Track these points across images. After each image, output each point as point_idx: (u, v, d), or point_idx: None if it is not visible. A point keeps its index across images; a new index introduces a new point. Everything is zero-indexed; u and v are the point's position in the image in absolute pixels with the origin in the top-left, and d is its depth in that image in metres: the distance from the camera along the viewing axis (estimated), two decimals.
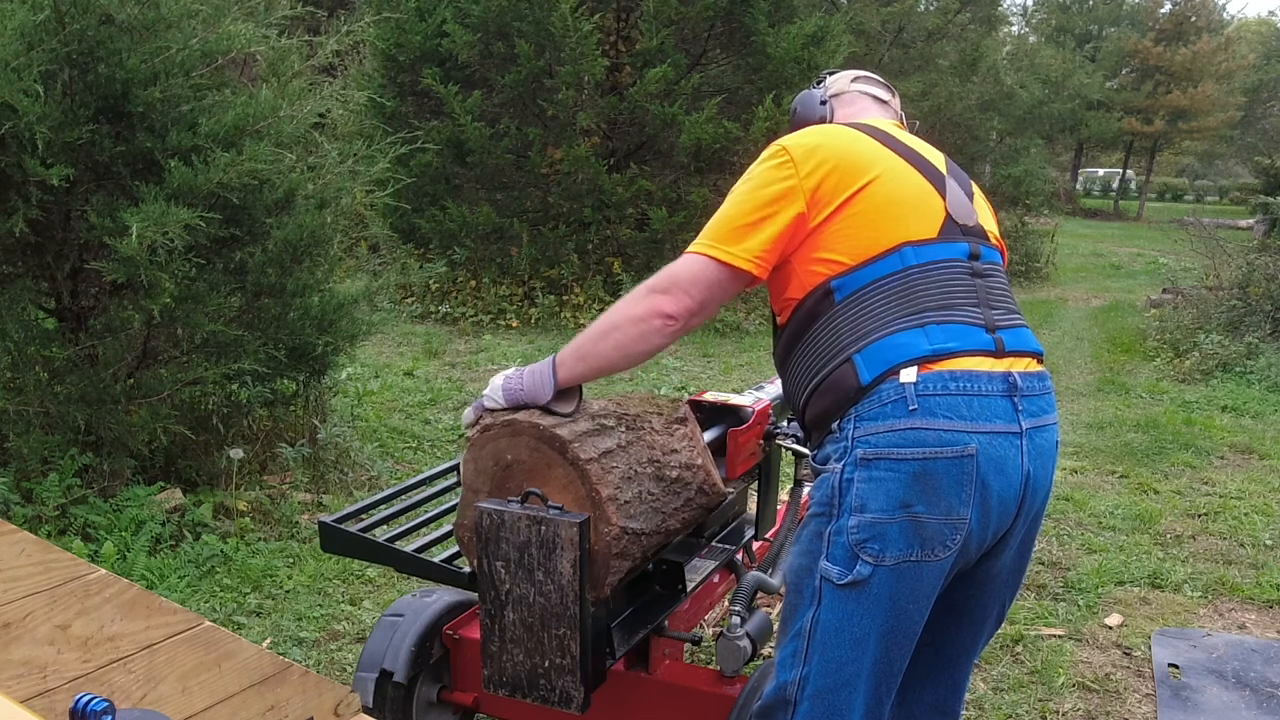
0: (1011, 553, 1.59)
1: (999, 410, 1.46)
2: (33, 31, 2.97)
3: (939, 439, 1.42)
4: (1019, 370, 1.51)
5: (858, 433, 1.46)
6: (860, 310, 1.51)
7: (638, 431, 1.79)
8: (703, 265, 1.54)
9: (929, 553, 1.44)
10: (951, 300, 1.51)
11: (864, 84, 1.88)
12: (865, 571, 1.45)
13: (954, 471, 1.42)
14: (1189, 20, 28.20)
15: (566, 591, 1.59)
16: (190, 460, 3.77)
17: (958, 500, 1.43)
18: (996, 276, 1.60)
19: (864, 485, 1.45)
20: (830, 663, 1.50)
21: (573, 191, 8.25)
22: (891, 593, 1.46)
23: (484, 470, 1.69)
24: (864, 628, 1.48)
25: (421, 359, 6.61)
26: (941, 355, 1.46)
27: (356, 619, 3.01)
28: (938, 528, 1.43)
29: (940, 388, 1.44)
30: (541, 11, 7.64)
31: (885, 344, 1.47)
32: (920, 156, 1.63)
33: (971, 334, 1.50)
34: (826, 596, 1.49)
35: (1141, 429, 5.57)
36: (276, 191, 3.49)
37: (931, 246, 1.54)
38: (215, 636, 1.37)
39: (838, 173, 1.54)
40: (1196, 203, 33.40)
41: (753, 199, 1.55)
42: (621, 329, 1.56)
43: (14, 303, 3.32)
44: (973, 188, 1.70)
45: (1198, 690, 2.76)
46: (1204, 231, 10.28)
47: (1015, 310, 1.62)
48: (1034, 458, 1.49)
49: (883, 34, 14.66)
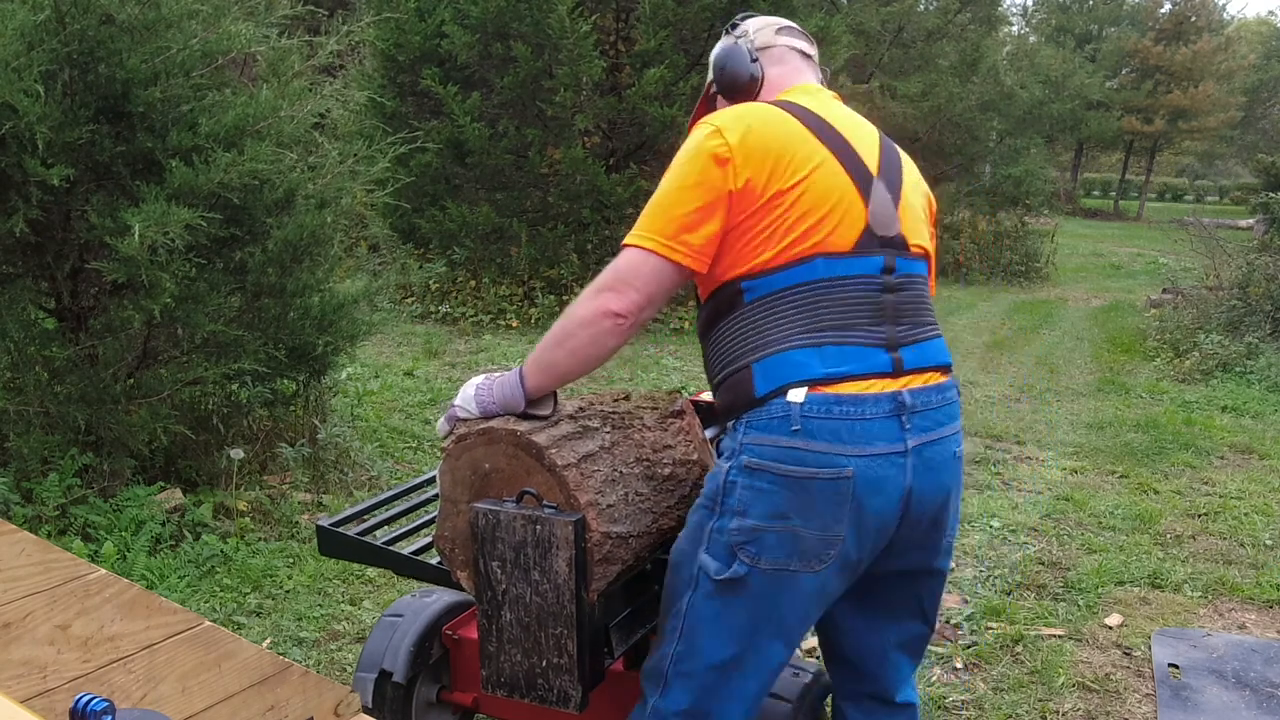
0: (918, 556, 1.63)
1: (882, 432, 1.49)
2: (33, 31, 2.97)
3: (818, 460, 1.47)
4: (915, 387, 1.54)
5: (747, 439, 1.52)
6: (765, 317, 1.54)
7: (625, 430, 1.78)
8: (643, 259, 1.53)
9: (806, 564, 1.50)
10: (853, 320, 1.53)
11: (788, 36, 1.80)
12: (741, 571, 1.52)
13: (830, 492, 1.48)
14: (1189, 20, 28.16)
15: (563, 591, 1.59)
16: (190, 460, 3.77)
17: (833, 518, 1.48)
18: (911, 289, 1.61)
19: (746, 492, 1.51)
20: (701, 648, 1.57)
21: (572, 192, 8.25)
22: (765, 594, 1.52)
23: (462, 480, 1.68)
24: (737, 621, 1.54)
25: (421, 359, 6.61)
26: (832, 379, 1.49)
27: (356, 619, 3.01)
28: (814, 542, 1.49)
29: (824, 411, 1.48)
30: (540, 13, 7.64)
31: (781, 359, 1.51)
32: (851, 152, 1.59)
33: (867, 356, 1.52)
34: (703, 585, 1.55)
35: (1141, 429, 5.57)
36: (277, 191, 3.49)
37: (844, 260, 1.54)
38: (215, 636, 1.37)
39: (769, 169, 1.53)
40: (1196, 203, 33.39)
41: (691, 191, 1.53)
42: (574, 335, 1.55)
43: (14, 303, 3.32)
44: (902, 177, 1.65)
45: (1198, 690, 2.77)
46: (1204, 231, 10.28)
47: (926, 323, 1.63)
48: (920, 473, 1.53)
49: (883, 34, 14.65)
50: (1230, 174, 40.55)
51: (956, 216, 13.97)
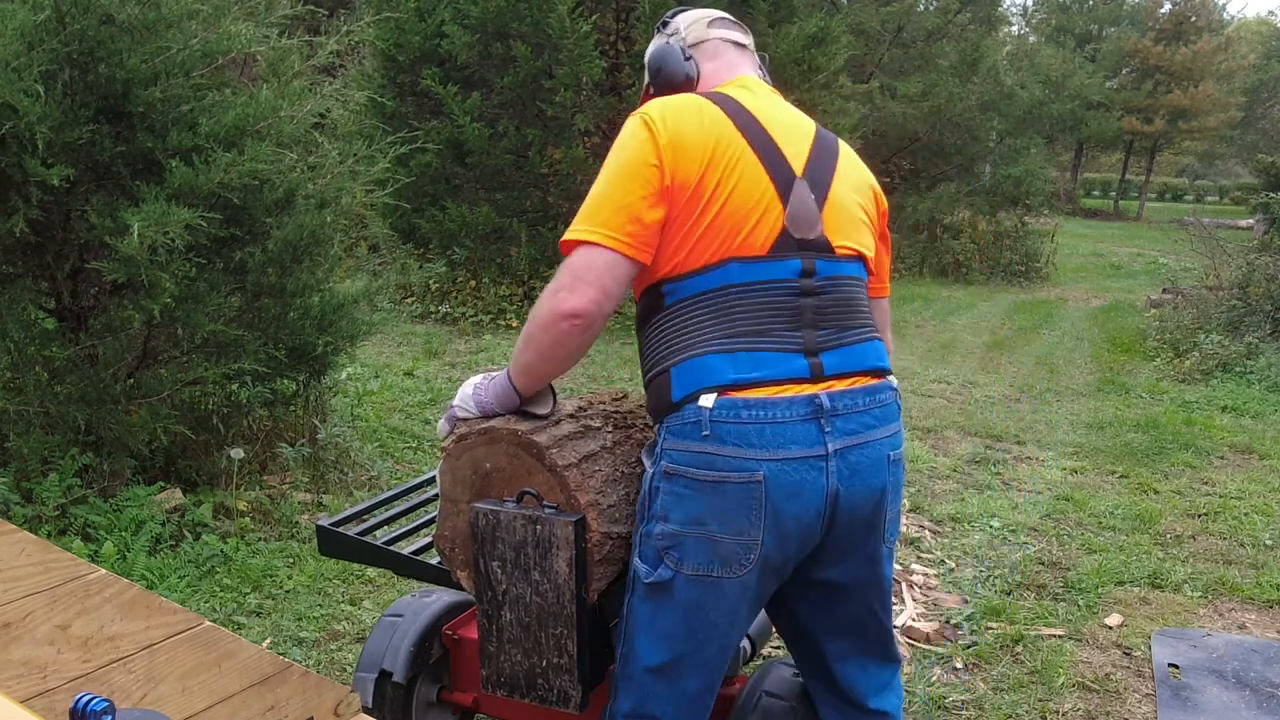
0: (857, 563, 1.62)
1: (796, 435, 1.48)
2: (33, 31, 2.97)
3: (727, 464, 1.48)
4: (836, 390, 1.53)
5: (666, 444, 1.53)
6: (683, 321, 1.55)
7: (627, 430, 1.78)
8: (593, 253, 1.50)
9: (726, 569, 1.51)
10: (767, 325, 1.52)
11: (721, 28, 1.77)
12: (667, 575, 1.53)
13: (743, 496, 1.48)
14: (1189, 20, 28.17)
15: (563, 591, 1.59)
16: (190, 460, 3.77)
17: (747, 522, 1.49)
18: (835, 293, 1.58)
19: (667, 497, 1.52)
20: (638, 650, 1.58)
21: (572, 192, 8.24)
22: (693, 598, 1.53)
23: (462, 480, 1.68)
24: (669, 624, 1.55)
25: (421, 359, 6.61)
26: (743, 385, 1.49)
27: (356, 619, 3.01)
28: (732, 547, 1.50)
29: (732, 415, 1.48)
30: (540, 13, 7.64)
31: (696, 364, 1.52)
32: (775, 151, 1.57)
33: (782, 361, 1.51)
34: (638, 589, 1.57)
35: (1141, 429, 5.57)
36: (277, 191, 3.49)
37: (758, 265, 1.53)
38: (215, 636, 1.37)
39: (695, 164, 1.52)
40: (1196, 203, 33.39)
41: (630, 183, 1.51)
42: (537, 338, 1.55)
43: (14, 303, 3.32)
44: (833, 177, 1.62)
45: (1198, 690, 2.77)
46: (1204, 231, 10.28)
47: (854, 327, 1.60)
48: (846, 477, 1.52)
49: (882, 34, 14.66)
50: (1230, 174, 40.55)
51: (956, 216, 13.97)
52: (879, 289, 1.78)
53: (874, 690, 1.75)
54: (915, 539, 3.78)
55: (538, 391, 1.66)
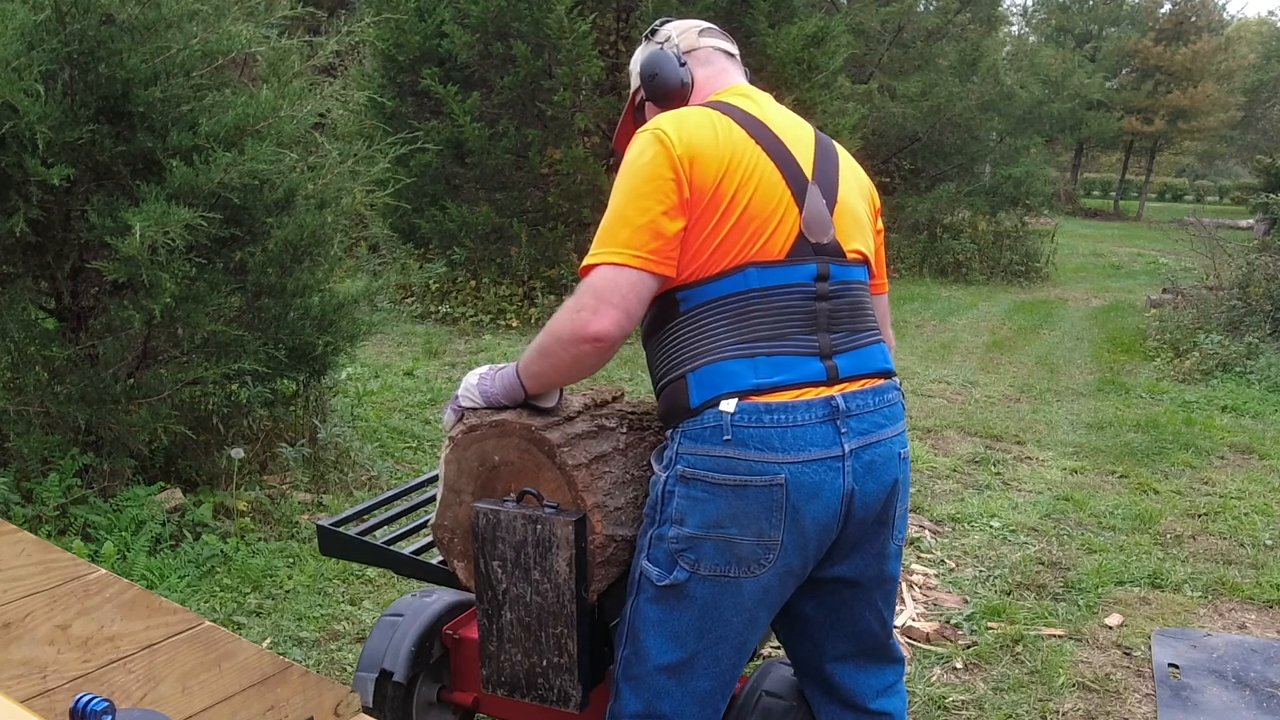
0: (866, 560, 1.64)
1: (816, 438, 1.50)
2: (33, 31, 2.97)
3: (749, 469, 1.49)
4: (850, 391, 1.55)
5: (682, 449, 1.54)
6: (700, 327, 1.55)
7: (641, 432, 1.78)
8: (617, 273, 1.49)
9: (744, 570, 1.52)
10: (786, 330, 1.54)
11: (711, 37, 1.79)
12: (682, 577, 1.54)
13: (764, 499, 1.49)
14: (1189, 20, 28.18)
15: (563, 590, 1.59)
16: (190, 460, 3.77)
17: (768, 525, 1.50)
18: (847, 296, 1.60)
19: (683, 501, 1.52)
20: (648, 651, 1.58)
21: (572, 192, 8.25)
22: (708, 599, 1.54)
23: (468, 470, 1.67)
24: (682, 625, 1.56)
25: (421, 359, 6.61)
26: (764, 389, 1.50)
27: (356, 619, 3.01)
28: (750, 548, 1.51)
29: (755, 420, 1.49)
30: (539, 12, 7.64)
31: (715, 370, 1.52)
32: (788, 156, 1.59)
33: (801, 365, 1.53)
34: (646, 590, 1.57)
35: (1141, 429, 5.57)
36: (277, 191, 3.49)
37: (777, 269, 1.54)
38: (215, 636, 1.37)
39: (713, 175, 1.52)
40: (1197, 203, 33.40)
41: (649, 199, 1.51)
42: (555, 353, 1.55)
43: (14, 303, 3.32)
44: (838, 179, 1.64)
45: (1198, 690, 2.77)
46: (1204, 231, 10.28)
47: (863, 330, 1.63)
48: (861, 475, 1.54)
49: (882, 34, 14.65)
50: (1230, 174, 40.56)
51: (956, 216, 13.96)
52: (878, 285, 1.80)
53: (875, 692, 1.75)
54: (915, 539, 3.78)
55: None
